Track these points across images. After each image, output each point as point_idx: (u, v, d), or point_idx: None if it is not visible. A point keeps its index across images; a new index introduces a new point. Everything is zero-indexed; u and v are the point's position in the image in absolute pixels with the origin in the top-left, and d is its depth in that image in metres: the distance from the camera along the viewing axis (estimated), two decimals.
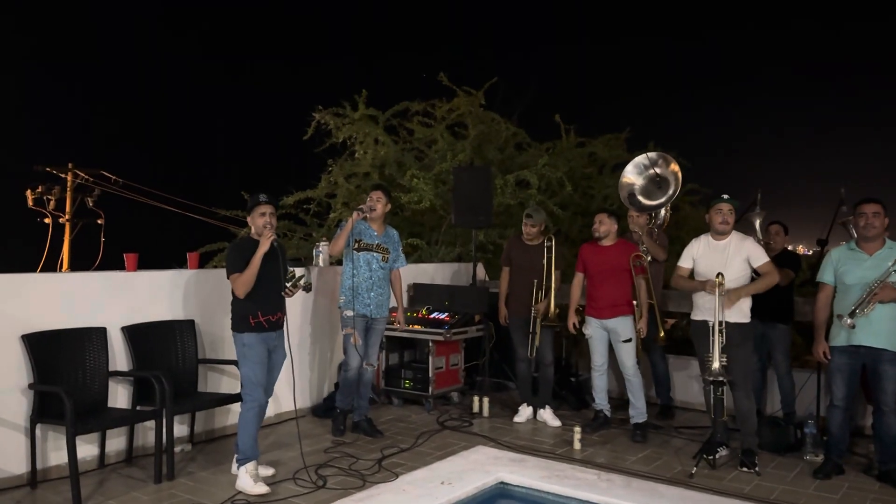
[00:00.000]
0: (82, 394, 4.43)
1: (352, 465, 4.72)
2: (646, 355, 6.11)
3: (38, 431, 4.29)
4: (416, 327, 6.40)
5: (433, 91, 9.52)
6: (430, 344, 6.30)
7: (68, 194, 19.80)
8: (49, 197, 19.43)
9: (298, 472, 4.58)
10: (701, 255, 5.05)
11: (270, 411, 5.53)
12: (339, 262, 5.83)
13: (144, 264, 5.09)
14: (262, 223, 4.45)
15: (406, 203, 8.46)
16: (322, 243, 6.43)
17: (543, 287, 5.86)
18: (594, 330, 5.65)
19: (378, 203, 5.45)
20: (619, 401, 6.07)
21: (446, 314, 6.55)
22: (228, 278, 4.43)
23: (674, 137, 8.65)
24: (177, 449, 4.69)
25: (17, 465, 4.27)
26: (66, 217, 19.71)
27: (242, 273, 4.36)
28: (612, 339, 5.61)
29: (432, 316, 6.57)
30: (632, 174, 6.03)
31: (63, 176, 19.75)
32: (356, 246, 5.42)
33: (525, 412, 6.04)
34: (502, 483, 4.46)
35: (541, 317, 5.85)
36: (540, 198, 8.34)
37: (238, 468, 4.37)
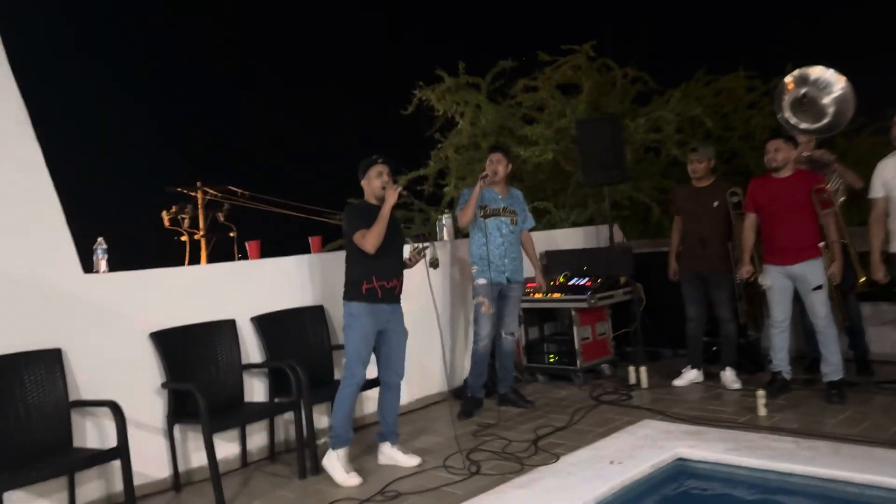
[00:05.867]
0: (217, 390, 4.22)
1: (505, 448, 4.27)
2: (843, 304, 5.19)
3: (176, 432, 4.11)
4: (556, 296, 5.85)
5: (534, 58, 8.85)
6: (574, 313, 5.74)
7: (200, 212, 20.67)
8: (183, 216, 20.35)
9: (449, 457, 4.18)
10: (893, 176, 4.21)
11: (411, 396, 5.20)
12: (465, 235, 5.42)
13: None
14: (380, 184, 4.13)
15: (528, 157, 7.85)
16: (445, 216, 6.03)
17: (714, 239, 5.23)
18: (775, 279, 4.78)
19: (499, 165, 5.11)
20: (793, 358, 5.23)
21: (587, 279, 5.96)
22: (352, 237, 4.04)
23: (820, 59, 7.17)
24: (319, 441, 4.39)
25: (160, 468, 4.09)
26: (201, 233, 20.58)
27: (370, 228, 4.00)
28: (800, 287, 4.72)
29: (572, 283, 6.00)
30: (787, 87, 5.11)
31: (193, 195, 20.63)
32: (482, 213, 5.10)
33: (688, 375, 5.39)
34: (681, 459, 3.84)
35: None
36: (679, 137, 7.56)
37: (329, 451, 4.04)
